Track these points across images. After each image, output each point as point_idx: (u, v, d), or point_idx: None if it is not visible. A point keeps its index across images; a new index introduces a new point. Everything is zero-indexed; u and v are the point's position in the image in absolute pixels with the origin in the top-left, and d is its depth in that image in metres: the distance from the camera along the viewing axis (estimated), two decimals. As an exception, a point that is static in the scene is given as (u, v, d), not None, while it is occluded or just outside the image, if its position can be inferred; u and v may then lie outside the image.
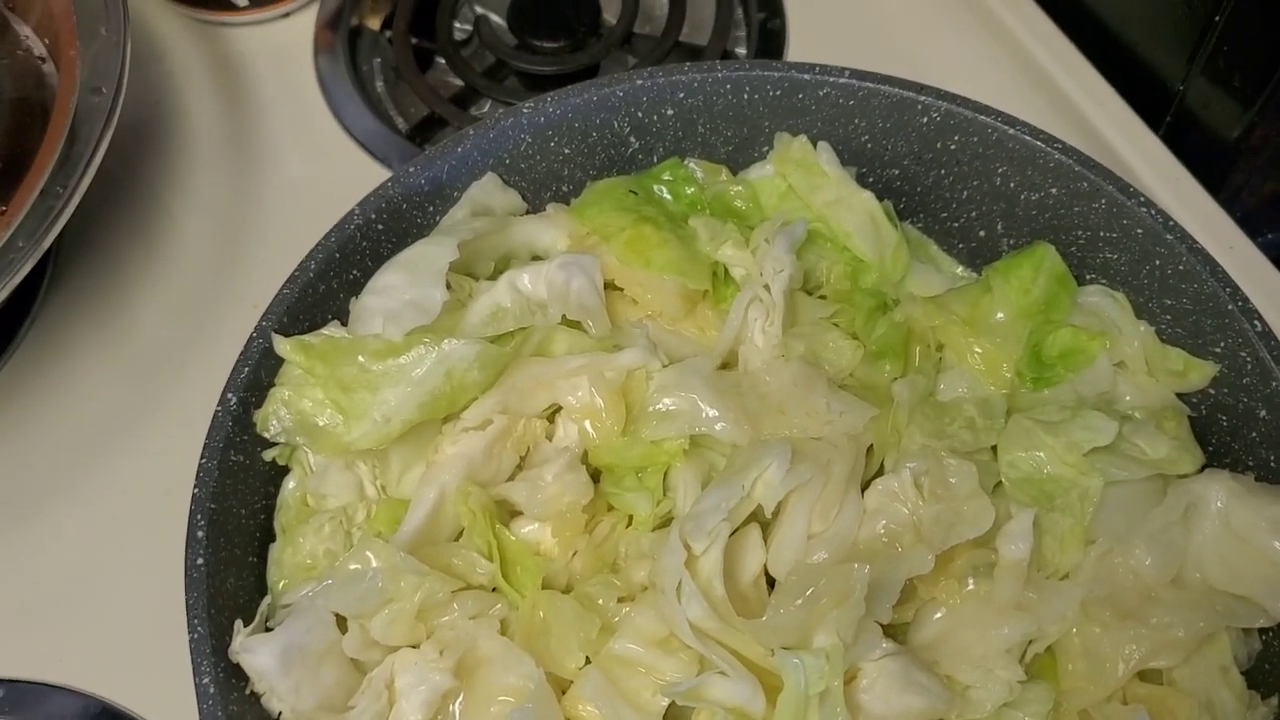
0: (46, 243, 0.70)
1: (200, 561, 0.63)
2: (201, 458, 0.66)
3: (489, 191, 0.78)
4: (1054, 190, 0.76)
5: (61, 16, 0.83)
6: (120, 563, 0.81)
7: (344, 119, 0.98)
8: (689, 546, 0.62)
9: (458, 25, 1.07)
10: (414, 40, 1.04)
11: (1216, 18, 0.89)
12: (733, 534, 0.64)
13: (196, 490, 0.65)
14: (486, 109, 1.04)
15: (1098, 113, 0.97)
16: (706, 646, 0.60)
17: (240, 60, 1.01)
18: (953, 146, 0.78)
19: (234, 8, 1.01)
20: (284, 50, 1.02)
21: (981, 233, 0.81)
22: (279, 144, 0.97)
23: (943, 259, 0.83)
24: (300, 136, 0.98)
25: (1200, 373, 0.72)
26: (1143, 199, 0.73)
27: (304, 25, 1.03)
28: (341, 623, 0.64)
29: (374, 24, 1.05)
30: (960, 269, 0.83)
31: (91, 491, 0.84)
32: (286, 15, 1.03)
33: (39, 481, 0.84)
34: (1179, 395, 0.73)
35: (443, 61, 1.06)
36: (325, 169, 0.96)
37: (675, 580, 0.60)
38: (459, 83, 1.03)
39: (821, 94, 0.79)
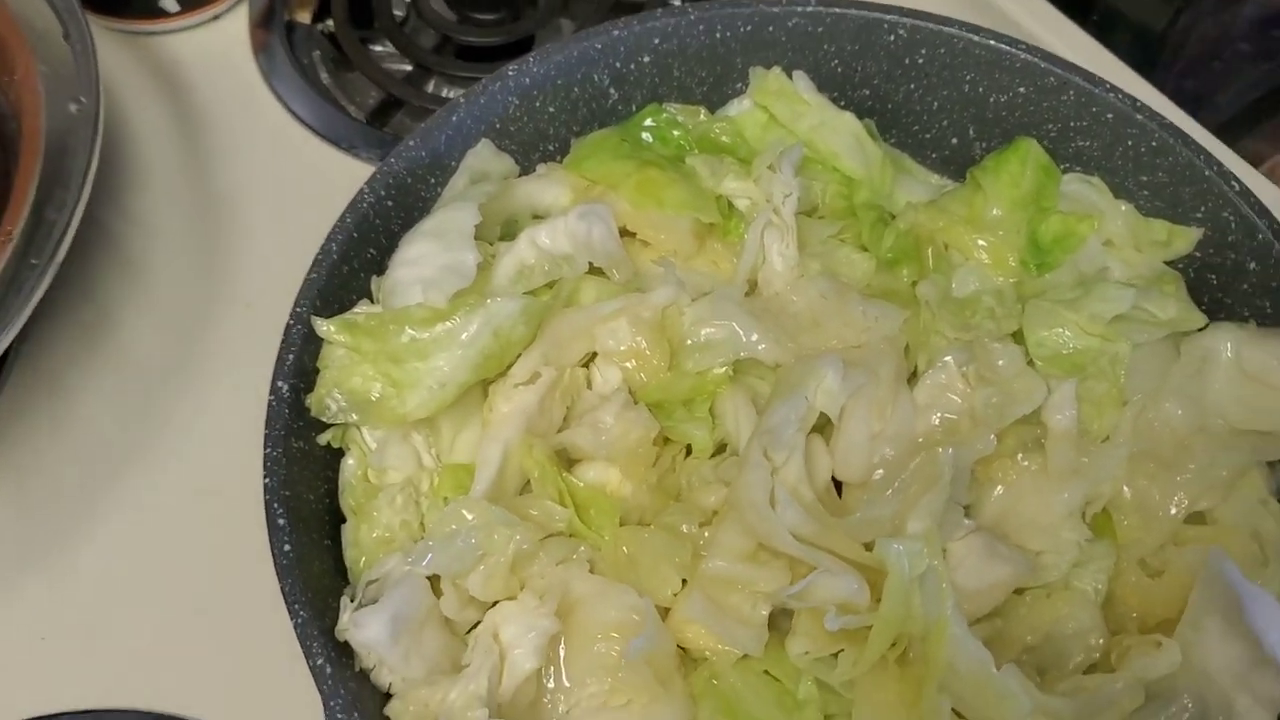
0: (60, 255, 0.68)
1: (287, 548, 0.62)
2: (265, 447, 0.65)
3: (484, 158, 0.79)
4: (1022, 89, 0.80)
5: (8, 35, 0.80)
6: (160, 574, 0.79)
7: (299, 113, 0.96)
8: (770, 459, 0.64)
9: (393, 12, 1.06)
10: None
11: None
12: (797, 444, 0.66)
13: (267, 480, 0.64)
14: (430, 87, 1.03)
15: (1023, 14, 1.02)
16: (807, 550, 0.62)
17: (179, 68, 0.99)
18: (920, 60, 0.82)
19: (164, 14, 0.98)
20: (222, 53, 0.99)
21: (954, 140, 0.85)
22: (236, 146, 0.95)
23: (918, 170, 0.87)
24: (257, 136, 0.96)
25: (1184, 239, 0.77)
26: (1108, 85, 0.78)
27: (237, 26, 1.01)
28: (433, 587, 0.65)
29: (305, 17, 1.03)
30: (935, 178, 0.87)
31: (117, 507, 0.81)
32: (217, 18, 1.01)
33: (61, 508, 0.81)
34: (1167, 264, 0.78)
35: (379, 49, 1.05)
36: (290, 163, 0.94)
37: (765, 493, 0.62)
38: (406, 67, 1.02)
39: (790, 24, 0.81)
